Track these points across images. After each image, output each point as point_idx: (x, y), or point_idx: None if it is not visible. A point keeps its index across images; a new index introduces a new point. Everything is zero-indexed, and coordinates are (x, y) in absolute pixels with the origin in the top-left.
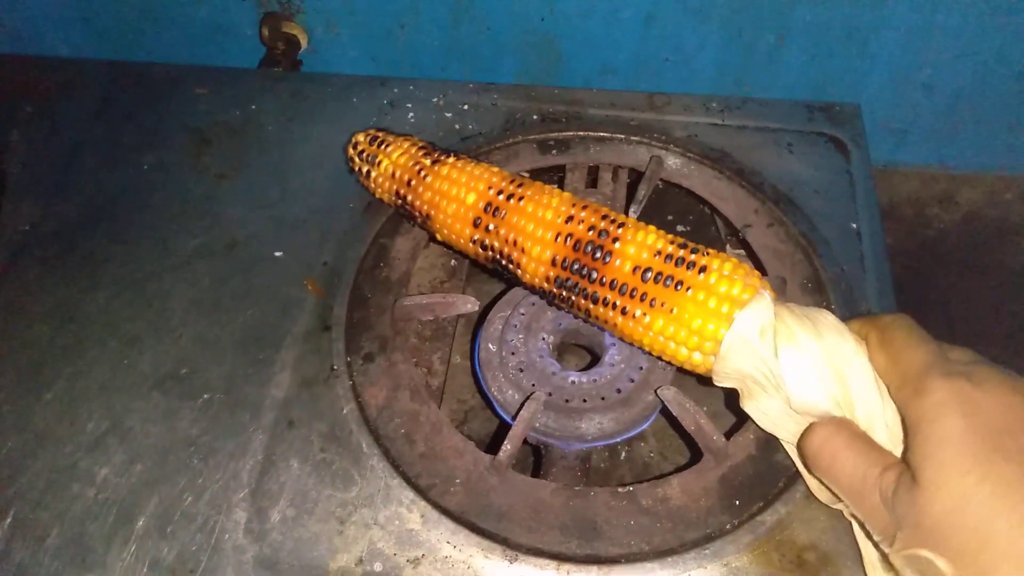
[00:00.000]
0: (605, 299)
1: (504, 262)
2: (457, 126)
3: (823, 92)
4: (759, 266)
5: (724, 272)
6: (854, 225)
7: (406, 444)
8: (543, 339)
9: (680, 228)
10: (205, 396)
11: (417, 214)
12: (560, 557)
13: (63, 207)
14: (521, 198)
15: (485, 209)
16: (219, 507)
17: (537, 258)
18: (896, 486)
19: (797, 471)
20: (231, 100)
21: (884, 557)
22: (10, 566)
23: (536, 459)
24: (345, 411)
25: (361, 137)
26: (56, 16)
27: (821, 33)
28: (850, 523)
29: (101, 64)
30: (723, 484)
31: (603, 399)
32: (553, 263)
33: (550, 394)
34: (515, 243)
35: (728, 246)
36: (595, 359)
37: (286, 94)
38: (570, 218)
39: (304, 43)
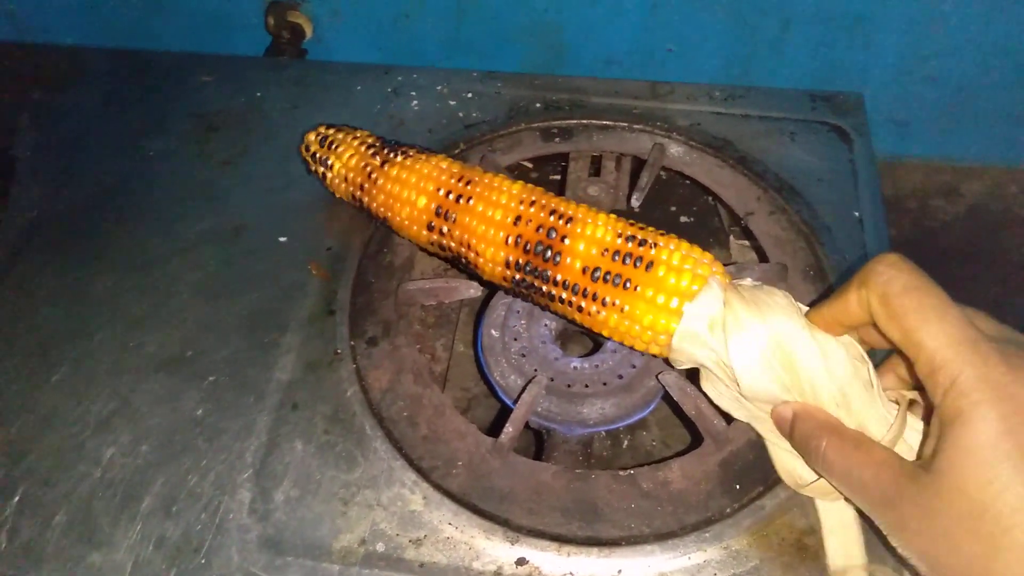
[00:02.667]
0: (561, 298)
1: (464, 261)
2: (461, 114)
3: (827, 84)
4: (761, 254)
5: (673, 263)
6: (856, 213)
7: (409, 427)
8: (545, 325)
9: (684, 219)
10: (210, 378)
11: (375, 216)
12: (561, 539)
13: (71, 192)
14: (470, 198)
15: (436, 212)
16: (224, 487)
17: (492, 259)
18: (897, 487)
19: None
20: (236, 88)
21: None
22: (18, 543)
23: (538, 445)
24: (349, 394)
25: (312, 137)
26: (63, 5)
27: (825, 23)
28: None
29: (107, 52)
30: (723, 468)
31: (605, 384)
32: (507, 265)
33: (552, 379)
34: (469, 245)
35: (732, 237)
36: (597, 346)
37: (290, 82)
38: (518, 218)
39: (309, 32)
